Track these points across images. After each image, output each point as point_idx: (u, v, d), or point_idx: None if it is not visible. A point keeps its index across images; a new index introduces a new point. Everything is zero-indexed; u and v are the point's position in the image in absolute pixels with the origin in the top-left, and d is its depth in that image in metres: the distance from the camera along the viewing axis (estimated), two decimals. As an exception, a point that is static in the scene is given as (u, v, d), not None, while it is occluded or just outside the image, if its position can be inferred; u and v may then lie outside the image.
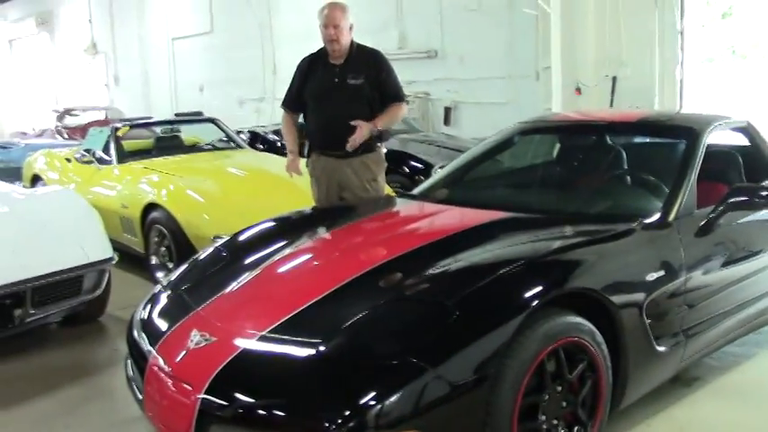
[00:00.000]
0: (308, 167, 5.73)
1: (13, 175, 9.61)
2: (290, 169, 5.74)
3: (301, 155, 5.85)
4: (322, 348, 3.08)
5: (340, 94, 5.39)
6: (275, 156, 9.15)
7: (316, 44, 5.58)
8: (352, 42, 5.47)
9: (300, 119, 5.85)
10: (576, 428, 3.40)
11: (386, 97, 5.45)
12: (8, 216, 5.63)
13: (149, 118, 11.25)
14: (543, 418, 3.23)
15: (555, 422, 3.29)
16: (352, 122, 5.27)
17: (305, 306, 3.40)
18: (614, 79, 10.47)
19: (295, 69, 5.67)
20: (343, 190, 5.47)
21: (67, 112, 18.27)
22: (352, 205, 5.32)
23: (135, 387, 3.63)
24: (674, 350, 3.88)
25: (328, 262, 4.01)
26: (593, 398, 3.46)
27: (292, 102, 5.68)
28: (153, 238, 7.03)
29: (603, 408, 3.50)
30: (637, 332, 3.60)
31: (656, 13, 10.06)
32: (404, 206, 5.00)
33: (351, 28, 5.43)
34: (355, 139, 5.26)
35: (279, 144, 10.93)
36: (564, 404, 3.33)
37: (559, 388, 3.29)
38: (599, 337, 3.40)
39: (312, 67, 5.56)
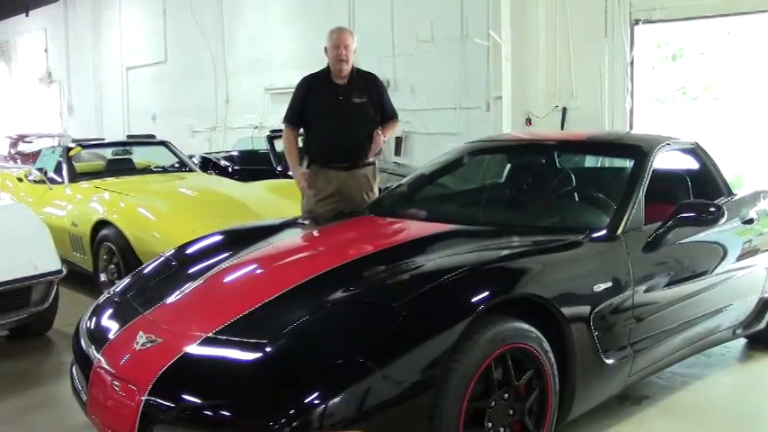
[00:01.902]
0: (302, 180, 5.86)
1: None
2: (303, 188, 5.88)
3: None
4: (268, 349, 3.07)
5: (345, 111, 5.65)
6: (226, 179, 9.16)
7: (268, 75, 5.72)
8: (352, 65, 5.75)
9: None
10: (522, 438, 3.39)
11: (384, 115, 5.80)
12: None
13: (102, 140, 11.18)
14: (489, 425, 3.22)
15: (501, 430, 3.28)
16: (377, 132, 5.64)
17: (251, 309, 3.38)
18: (564, 110, 10.60)
19: (296, 87, 5.89)
20: (342, 200, 5.64)
21: (21, 138, 18.10)
22: (303, 219, 5.35)
23: (80, 391, 3.58)
24: (622, 364, 3.90)
25: (276, 268, 3.99)
26: (541, 407, 3.46)
27: (295, 117, 5.85)
28: (102, 256, 7.00)
29: (550, 417, 3.49)
30: (584, 343, 3.62)
31: (606, 45, 10.22)
32: (354, 219, 5.01)
33: (355, 51, 5.72)
34: (378, 144, 5.65)
35: (230, 170, 10.91)
36: (511, 412, 3.32)
37: (506, 395, 3.28)
38: (546, 345, 3.41)
39: (314, 86, 5.79)
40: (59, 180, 8.50)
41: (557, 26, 10.50)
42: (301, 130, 5.93)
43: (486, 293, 3.26)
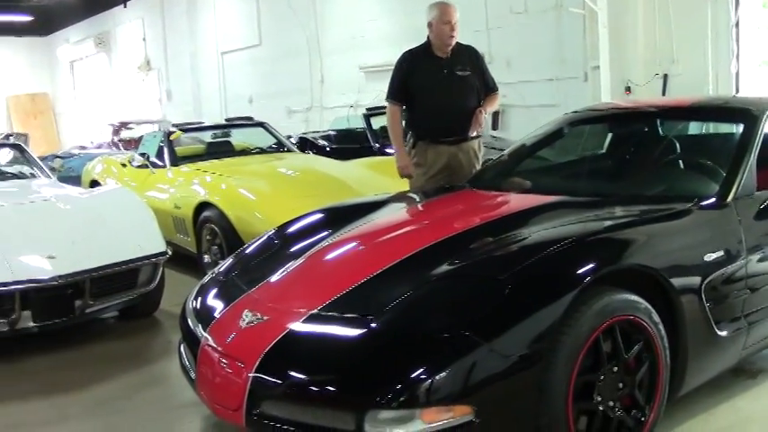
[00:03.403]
0: (411, 157, 5.84)
1: (72, 182, 9.72)
2: (403, 173, 5.87)
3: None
4: (372, 324, 3.07)
5: (450, 84, 5.65)
6: (324, 158, 9.21)
7: (361, 53, 5.72)
8: None
9: None
10: (633, 412, 3.31)
11: (486, 88, 5.79)
12: (69, 213, 6.07)
13: (200, 123, 11.39)
14: (599, 398, 3.16)
15: (611, 404, 3.21)
16: (478, 110, 5.62)
17: (356, 285, 3.40)
18: (665, 77, 10.27)
19: (397, 63, 5.86)
20: (451, 174, 5.63)
21: (123, 125, 18.58)
22: (405, 194, 5.32)
23: (188, 369, 3.65)
24: (736, 336, 3.76)
25: (378, 244, 3.99)
26: (651, 380, 3.37)
27: (398, 93, 5.82)
28: (205, 237, 7.11)
29: (662, 391, 3.40)
30: (696, 314, 3.51)
31: (709, 6, 9.82)
32: (455, 193, 4.97)
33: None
34: (480, 123, 5.62)
35: (327, 149, 10.96)
36: (620, 386, 3.25)
37: (616, 368, 3.21)
38: (656, 317, 3.33)
39: (416, 61, 5.78)
40: (161, 164, 8.68)
41: (655, -11, 10.19)
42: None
43: (593, 264, 3.19)
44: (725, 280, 3.70)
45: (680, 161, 4.77)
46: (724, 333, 3.67)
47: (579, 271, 3.14)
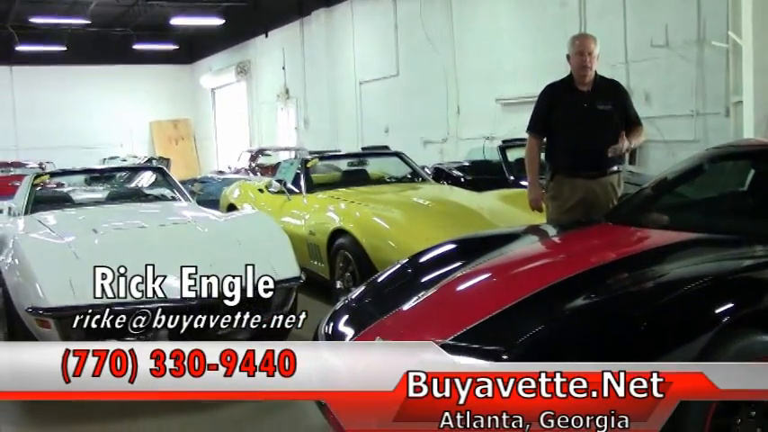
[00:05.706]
0: (547, 191, 5.86)
1: (210, 206, 10.05)
2: (534, 206, 5.92)
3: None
4: (504, 357, 3.07)
5: (591, 118, 5.62)
6: (458, 188, 9.24)
7: (498, 86, 5.71)
8: (595, 71, 5.72)
9: None
10: (772, 461, 3.21)
11: (629, 122, 5.71)
12: (207, 235, 6.29)
13: (337, 152, 11.63)
14: (735, 443, 3.08)
15: (749, 450, 3.13)
16: (621, 137, 5.51)
17: (489, 316, 3.39)
18: (815, 113, 9.94)
19: (540, 95, 5.91)
20: (587, 208, 5.59)
21: (260, 152, 19.06)
22: (539, 227, 5.30)
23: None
24: None
25: (512, 276, 3.99)
26: (793, 429, 3.27)
27: (539, 125, 5.86)
28: (338, 264, 7.22)
29: (805, 442, 3.29)
30: None
31: None
32: (590, 228, 4.95)
33: (597, 57, 5.67)
34: (620, 148, 5.50)
35: (462, 180, 10.99)
36: (759, 431, 3.15)
37: (753, 413, 3.11)
38: (799, 362, 3.22)
39: (558, 94, 5.80)
40: (297, 191, 8.83)
41: (804, 23, 9.84)
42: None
43: (732, 305, 3.13)
44: None
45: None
46: None
47: (717, 311, 3.09)
